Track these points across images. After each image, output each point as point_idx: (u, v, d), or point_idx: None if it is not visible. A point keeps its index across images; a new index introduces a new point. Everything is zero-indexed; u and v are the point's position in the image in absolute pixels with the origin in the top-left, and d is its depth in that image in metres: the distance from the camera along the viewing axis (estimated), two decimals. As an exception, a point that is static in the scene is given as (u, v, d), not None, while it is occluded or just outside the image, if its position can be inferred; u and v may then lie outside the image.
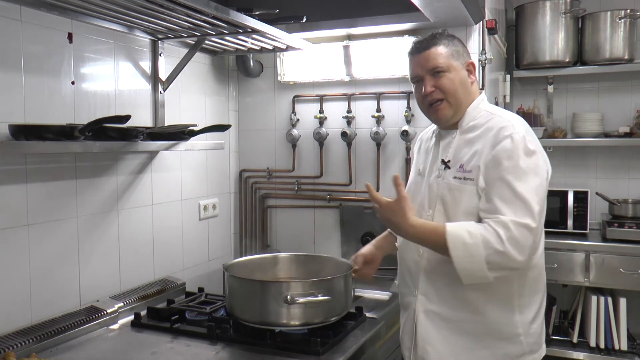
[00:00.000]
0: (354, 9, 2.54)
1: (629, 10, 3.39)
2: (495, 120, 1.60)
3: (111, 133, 1.83)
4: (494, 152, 1.53)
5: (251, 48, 2.51)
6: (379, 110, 2.71)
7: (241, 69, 2.89)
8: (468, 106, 1.66)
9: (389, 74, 2.66)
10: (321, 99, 2.83)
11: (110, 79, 2.13)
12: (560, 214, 3.30)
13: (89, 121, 1.70)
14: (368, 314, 2.02)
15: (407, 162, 2.67)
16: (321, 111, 2.83)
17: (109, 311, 1.99)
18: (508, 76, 3.36)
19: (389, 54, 2.63)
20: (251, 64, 2.84)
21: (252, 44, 2.42)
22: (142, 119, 2.28)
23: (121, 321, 2.02)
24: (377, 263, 1.93)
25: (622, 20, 3.38)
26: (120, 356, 1.74)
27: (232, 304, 1.86)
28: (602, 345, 3.16)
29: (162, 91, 2.36)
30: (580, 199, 3.28)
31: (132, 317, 2.02)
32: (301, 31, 2.57)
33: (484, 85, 2.61)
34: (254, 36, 2.23)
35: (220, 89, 2.86)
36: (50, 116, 1.86)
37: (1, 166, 1.72)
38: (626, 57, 3.42)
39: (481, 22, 2.58)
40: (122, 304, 2.06)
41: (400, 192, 1.57)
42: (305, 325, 1.76)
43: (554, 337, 3.35)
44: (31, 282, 1.82)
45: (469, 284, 1.52)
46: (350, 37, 2.69)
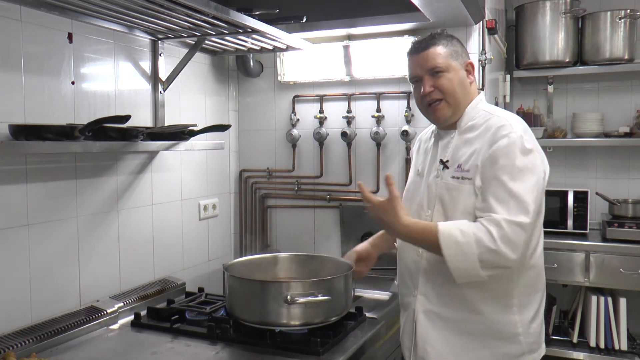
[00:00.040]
0: (354, 9, 2.54)
1: (629, 10, 3.39)
2: (493, 120, 1.60)
3: (111, 133, 1.83)
4: (490, 150, 1.53)
5: (251, 48, 2.52)
6: (379, 110, 2.71)
7: (241, 69, 2.89)
8: (467, 106, 1.66)
9: (389, 74, 2.66)
10: (321, 99, 2.83)
11: (110, 79, 2.13)
12: (560, 214, 3.30)
13: (89, 121, 1.70)
14: (368, 314, 2.02)
15: (407, 162, 2.67)
16: (321, 111, 2.83)
17: (109, 311, 1.99)
18: (508, 76, 3.36)
19: (389, 54, 2.63)
20: (251, 64, 2.84)
21: (252, 44, 2.42)
22: (142, 119, 2.28)
23: (121, 321, 2.02)
24: (372, 261, 1.93)
25: (622, 20, 3.38)
26: (120, 356, 1.74)
27: (232, 304, 1.86)
28: (602, 345, 3.16)
29: (162, 91, 2.36)
30: (580, 199, 3.28)
31: (132, 317, 2.02)
32: (301, 31, 2.57)
33: (484, 85, 2.61)
34: (254, 36, 2.23)
35: (220, 89, 2.86)
36: (50, 116, 1.86)
37: (1, 166, 1.72)
38: (626, 57, 3.42)
39: (481, 22, 2.58)
40: (122, 304, 2.05)
41: (392, 191, 1.57)
42: (305, 325, 1.76)
43: (554, 337, 3.35)
44: (31, 282, 1.82)
45: (462, 282, 1.52)
46: (350, 37, 2.69)
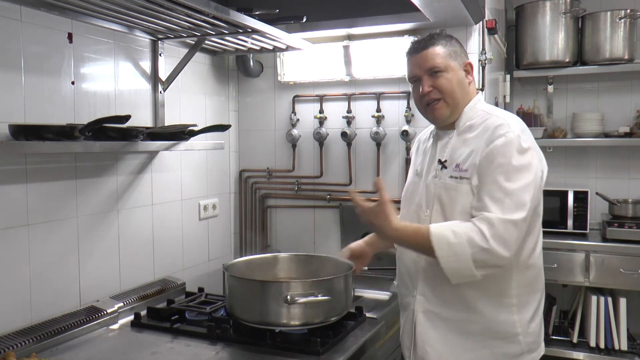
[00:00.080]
0: (354, 9, 2.54)
1: (629, 10, 3.39)
2: (491, 119, 1.60)
3: (111, 133, 1.83)
4: (487, 150, 1.54)
5: (251, 48, 2.51)
6: (379, 110, 2.71)
7: (241, 69, 2.89)
8: (465, 106, 1.66)
9: (389, 74, 2.66)
10: (321, 99, 2.83)
11: (110, 79, 2.13)
12: (560, 214, 3.30)
13: (89, 121, 1.70)
14: (368, 314, 2.02)
15: (407, 162, 2.67)
16: (321, 111, 2.82)
17: (109, 311, 1.99)
18: (508, 76, 3.36)
19: (389, 54, 2.63)
20: (251, 64, 2.84)
21: (252, 44, 2.42)
22: (142, 119, 2.28)
23: (121, 321, 2.02)
24: (367, 259, 1.93)
25: (622, 20, 3.38)
26: (120, 356, 1.74)
27: (232, 304, 1.86)
28: (602, 345, 3.16)
29: (162, 91, 2.36)
30: (580, 199, 3.28)
31: (132, 317, 2.02)
32: (301, 31, 2.57)
33: (484, 85, 2.61)
34: (254, 36, 2.23)
35: (220, 89, 2.86)
36: (50, 116, 1.86)
37: (1, 166, 1.72)
38: (626, 57, 3.42)
39: (481, 22, 2.58)
40: (122, 304, 2.06)
41: (382, 196, 1.58)
42: (305, 325, 1.76)
43: (554, 337, 3.35)
44: (31, 282, 1.82)
45: (457, 283, 1.53)
46: (350, 37, 2.69)
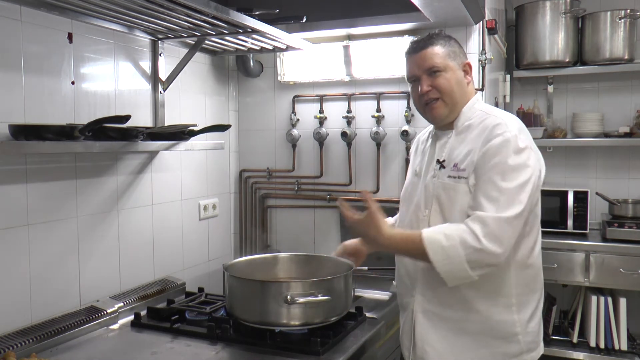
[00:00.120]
0: (354, 9, 2.55)
1: (629, 10, 3.39)
2: (489, 119, 1.60)
3: (111, 133, 1.83)
4: (484, 149, 1.54)
5: (251, 48, 2.52)
6: (379, 110, 2.71)
7: (241, 69, 2.89)
8: (463, 106, 1.67)
9: (389, 74, 2.66)
10: (321, 99, 2.83)
11: (110, 79, 2.13)
12: (560, 214, 3.30)
13: (89, 121, 1.70)
14: (368, 314, 2.02)
15: (407, 162, 2.66)
16: (321, 111, 2.82)
17: (109, 311, 1.99)
18: (508, 76, 3.36)
19: (389, 54, 2.63)
20: (251, 64, 2.84)
21: (252, 44, 2.42)
22: (142, 119, 2.28)
23: (121, 321, 2.02)
24: (361, 258, 1.92)
25: (622, 20, 3.38)
26: (120, 356, 1.74)
27: (232, 304, 1.86)
28: (602, 345, 3.16)
29: (162, 91, 2.36)
30: (580, 199, 3.28)
31: (132, 317, 2.02)
32: (301, 31, 2.57)
33: (484, 85, 2.61)
34: (254, 36, 2.23)
35: (220, 89, 2.86)
36: (50, 116, 1.86)
37: (1, 166, 1.72)
38: (626, 57, 3.42)
39: (481, 22, 2.58)
40: (122, 304, 2.05)
41: (371, 206, 1.58)
42: (305, 325, 1.76)
43: (554, 337, 3.35)
44: (31, 282, 1.82)
45: (454, 285, 1.53)
46: (350, 37, 2.69)
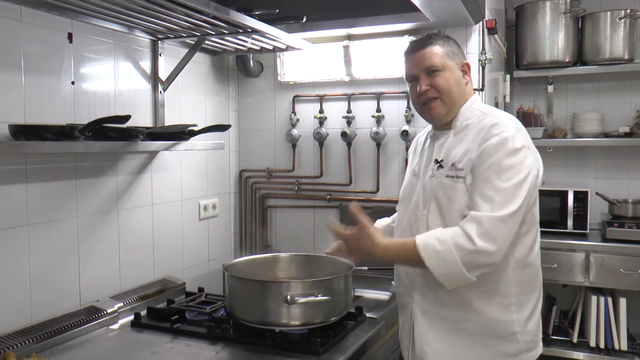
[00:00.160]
0: (354, 9, 2.55)
1: (629, 10, 3.39)
2: (487, 119, 1.61)
3: (111, 133, 1.83)
4: (481, 149, 1.54)
5: (251, 48, 2.52)
6: (379, 110, 2.71)
7: (241, 69, 2.89)
8: (462, 106, 1.67)
9: (389, 74, 2.66)
10: (321, 99, 2.83)
11: (110, 79, 2.13)
12: (560, 214, 3.30)
13: (89, 121, 1.70)
14: (368, 314, 2.01)
15: (407, 162, 2.66)
16: (321, 111, 2.82)
17: (109, 311, 1.99)
18: (508, 76, 3.36)
19: (389, 54, 2.63)
20: (251, 64, 2.84)
21: (252, 44, 2.42)
22: (142, 119, 2.28)
23: (121, 321, 2.02)
24: (357, 256, 1.91)
25: (622, 20, 3.38)
26: (120, 356, 1.74)
27: (232, 304, 1.86)
28: (602, 345, 3.16)
29: (162, 91, 2.36)
30: (580, 199, 3.28)
31: (132, 317, 2.02)
32: (301, 31, 2.57)
33: (484, 85, 2.61)
34: (254, 36, 2.23)
35: (220, 89, 2.86)
36: (50, 116, 1.86)
37: (1, 166, 1.72)
38: (626, 57, 3.42)
39: (481, 22, 2.58)
40: (122, 304, 2.06)
41: (361, 219, 1.58)
42: (305, 325, 1.76)
43: (554, 337, 3.35)
44: (31, 282, 1.82)
45: (453, 288, 1.53)
46: (350, 37, 2.69)
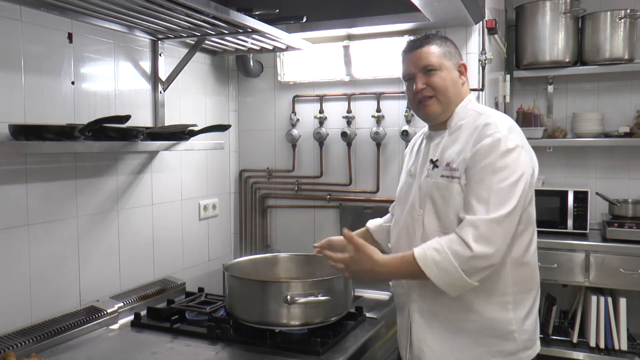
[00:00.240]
0: (354, 9, 2.55)
1: (629, 10, 3.39)
2: (481, 119, 1.61)
3: (111, 133, 1.84)
4: (474, 150, 1.55)
5: (251, 48, 2.52)
6: (379, 110, 2.71)
7: (241, 69, 2.89)
8: (457, 106, 1.68)
9: (389, 74, 2.66)
10: (321, 99, 2.83)
11: (110, 79, 2.13)
12: (560, 214, 3.30)
13: (89, 121, 1.70)
14: (368, 314, 2.02)
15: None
16: (321, 111, 2.83)
17: (109, 311, 1.99)
18: (508, 76, 3.36)
19: (389, 54, 2.63)
20: (251, 64, 2.84)
21: (252, 44, 2.42)
22: (142, 119, 2.28)
23: (121, 321, 2.02)
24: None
25: (622, 20, 3.38)
26: (120, 356, 1.74)
27: (232, 304, 1.86)
28: (602, 345, 3.16)
29: (162, 91, 2.36)
30: (580, 199, 3.27)
31: (132, 317, 2.02)
32: (301, 31, 2.57)
33: (484, 85, 2.61)
34: (254, 36, 2.23)
35: (220, 89, 2.86)
36: (50, 116, 1.86)
37: (1, 166, 1.72)
38: (626, 57, 3.41)
39: (481, 22, 2.58)
40: (122, 304, 2.06)
41: (356, 241, 1.58)
42: (305, 325, 1.77)
43: (554, 337, 3.34)
44: (31, 282, 1.82)
45: (458, 294, 1.53)
46: (350, 37, 2.69)
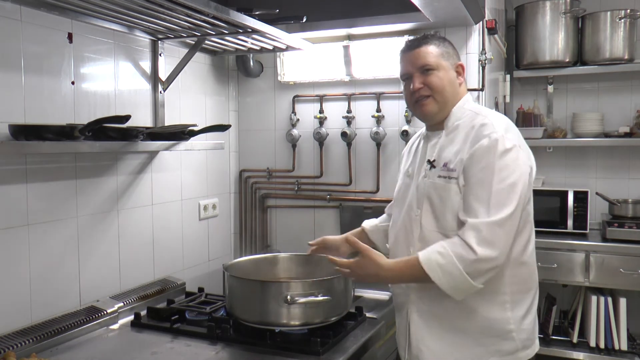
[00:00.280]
0: (354, 9, 2.55)
1: (629, 10, 3.39)
2: (477, 119, 1.62)
3: (111, 133, 1.84)
4: (472, 151, 1.55)
5: (251, 48, 2.52)
6: (379, 110, 2.71)
7: (241, 69, 2.89)
8: (454, 106, 1.68)
9: (389, 74, 2.66)
10: (321, 99, 2.83)
11: (110, 79, 2.13)
12: (560, 214, 3.30)
13: (89, 121, 1.70)
14: (368, 314, 2.02)
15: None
16: (321, 111, 2.83)
17: (109, 311, 1.99)
18: (508, 76, 3.36)
19: (389, 54, 2.62)
20: (251, 64, 2.84)
21: (252, 44, 2.42)
22: (142, 119, 2.28)
23: (121, 321, 2.02)
24: (341, 255, 1.93)
25: (622, 20, 3.38)
26: (120, 356, 1.74)
27: (232, 304, 1.86)
28: (602, 345, 3.16)
29: (162, 91, 2.36)
30: (580, 199, 3.27)
31: (132, 317, 2.02)
32: (301, 31, 2.57)
33: (484, 85, 2.61)
34: (254, 36, 2.23)
35: (220, 89, 2.86)
36: (50, 116, 1.86)
37: (1, 166, 1.72)
38: (626, 57, 3.41)
39: (481, 22, 2.58)
40: (122, 304, 2.06)
41: (360, 246, 1.60)
42: (305, 325, 1.77)
43: (554, 337, 3.34)
44: (31, 282, 1.82)
45: (463, 298, 1.53)
46: (350, 37, 2.69)
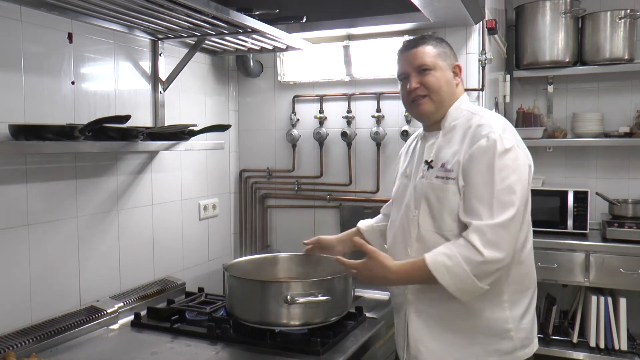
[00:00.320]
0: (354, 9, 2.55)
1: (629, 10, 3.39)
2: (474, 119, 1.62)
3: (111, 133, 1.84)
4: (470, 151, 1.55)
5: (251, 48, 2.52)
6: (379, 110, 2.71)
7: (241, 69, 2.89)
8: (450, 106, 1.68)
9: (389, 74, 2.66)
10: (321, 99, 2.83)
11: (110, 79, 2.13)
12: (560, 214, 3.30)
13: (89, 121, 1.70)
14: (368, 314, 2.02)
15: (407, 162, 2.67)
16: (321, 111, 2.83)
17: (109, 311, 1.99)
18: (508, 76, 3.37)
19: (389, 54, 2.60)
20: (251, 64, 2.84)
21: (252, 44, 2.42)
22: (142, 119, 2.28)
23: (121, 321, 2.02)
24: (334, 253, 1.94)
25: (622, 20, 3.38)
26: (120, 356, 1.74)
27: (232, 304, 1.86)
28: (602, 345, 3.16)
29: (162, 91, 2.36)
30: (580, 199, 3.27)
31: (132, 317, 2.02)
32: (301, 31, 2.57)
33: (484, 85, 2.61)
34: (254, 36, 2.23)
35: (220, 89, 2.86)
36: (50, 116, 1.86)
37: (1, 166, 1.72)
38: (626, 57, 3.42)
39: (481, 22, 2.58)
40: (122, 304, 2.06)
41: (367, 248, 1.61)
42: (305, 325, 1.76)
43: (554, 337, 3.34)
44: (31, 282, 1.82)
45: (469, 299, 1.53)
46: (350, 37, 2.69)
